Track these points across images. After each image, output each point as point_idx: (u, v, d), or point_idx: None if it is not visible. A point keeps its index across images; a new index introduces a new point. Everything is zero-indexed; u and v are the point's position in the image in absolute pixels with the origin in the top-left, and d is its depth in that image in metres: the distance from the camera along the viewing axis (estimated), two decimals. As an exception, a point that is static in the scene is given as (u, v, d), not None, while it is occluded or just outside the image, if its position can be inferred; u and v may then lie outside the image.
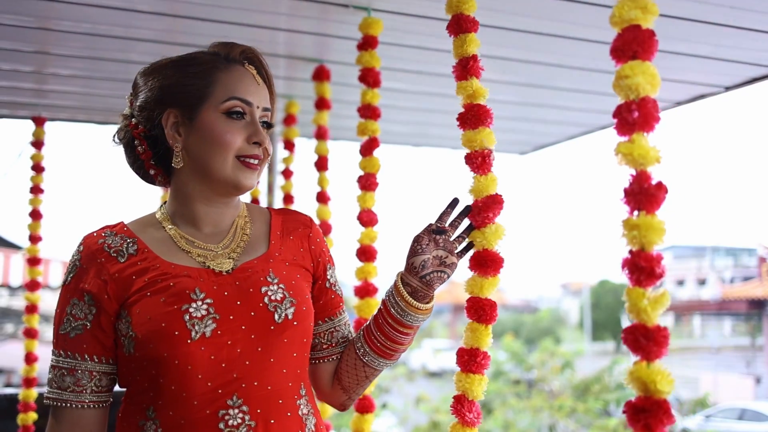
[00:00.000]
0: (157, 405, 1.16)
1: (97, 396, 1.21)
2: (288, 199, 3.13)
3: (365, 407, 2.15)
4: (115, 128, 1.33)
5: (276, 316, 1.21)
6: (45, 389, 1.25)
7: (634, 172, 1.11)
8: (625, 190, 1.11)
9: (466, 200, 1.43)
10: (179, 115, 1.24)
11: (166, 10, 2.24)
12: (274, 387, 1.20)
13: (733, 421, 13.26)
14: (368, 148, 2.18)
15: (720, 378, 18.30)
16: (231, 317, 1.18)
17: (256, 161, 1.25)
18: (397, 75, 2.77)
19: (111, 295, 1.19)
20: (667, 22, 2.20)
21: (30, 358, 3.17)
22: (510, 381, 13.04)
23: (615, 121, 1.13)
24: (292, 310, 1.23)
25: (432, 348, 21.65)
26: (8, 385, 11.48)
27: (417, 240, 1.33)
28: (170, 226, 1.27)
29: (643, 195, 1.09)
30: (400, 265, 1.37)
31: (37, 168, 3.31)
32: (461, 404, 1.42)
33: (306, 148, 3.27)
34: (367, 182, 2.18)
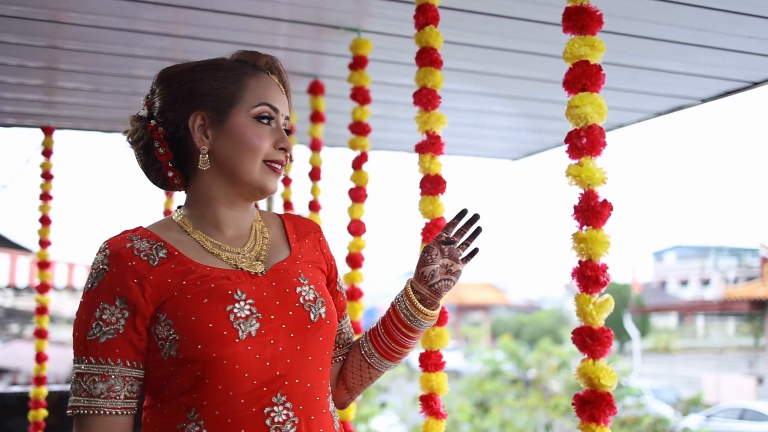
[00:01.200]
0: (201, 406, 1.15)
1: (129, 402, 1.18)
2: (287, 205, 3.25)
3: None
4: (119, 135, 1.35)
5: (312, 316, 1.24)
6: (54, 387, 1.24)
7: (582, 191, 1.25)
8: (575, 207, 1.25)
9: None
10: (207, 117, 1.24)
11: (168, 31, 2.37)
12: (312, 384, 1.23)
13: (733, 420, 13.28)
14: (359, 163, 2.32)
15: (722, 378, 18.30)
16: (272, 317, 1.20)
17: (280, 166, 1.27)
18: (390, 89, 2.90)
19: (148, 299, 1.17)
20: (641, 42, 2.36)
21: (40, 358, 3.27)
22: (507, 380, 13.08)
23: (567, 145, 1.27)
24: (324, 309, 1.26)
25: (434, 348, 21.68)
26: (14, 384, 11.55)
27: (427, 250, 1.35)
28: (193, 230, 1.27)
29: (591, 212, 1.23)
30: (400, 266, 1.45)
31: (47, 175, 3.44)
32: (429, 402, 1.57)
33: (301, 153, 3.41)
34: (357, 194, 2.32)
